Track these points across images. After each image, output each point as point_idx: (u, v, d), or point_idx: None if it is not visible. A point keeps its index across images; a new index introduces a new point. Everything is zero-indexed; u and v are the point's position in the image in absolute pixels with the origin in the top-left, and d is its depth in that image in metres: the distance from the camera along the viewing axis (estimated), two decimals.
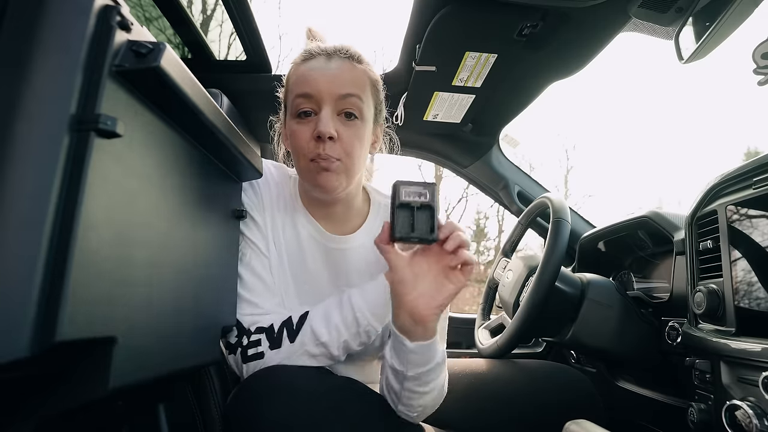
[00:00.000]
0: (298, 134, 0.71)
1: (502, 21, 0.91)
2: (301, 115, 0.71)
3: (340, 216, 0.82)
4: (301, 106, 0.71)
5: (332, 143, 0.69)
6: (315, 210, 0.82)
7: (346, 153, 0.71)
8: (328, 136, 0.68)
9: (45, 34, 0.35)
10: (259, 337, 0.70)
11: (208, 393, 0.70)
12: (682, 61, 0.86)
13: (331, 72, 0.71)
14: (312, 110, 0.71)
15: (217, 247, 0.65)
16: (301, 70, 0.73)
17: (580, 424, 0.68)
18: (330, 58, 0.72)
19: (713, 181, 0.82)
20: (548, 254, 0.96)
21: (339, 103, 0.70)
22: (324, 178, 0.70)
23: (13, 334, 0.30)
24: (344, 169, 0.71)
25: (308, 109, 0.71)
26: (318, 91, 0.70)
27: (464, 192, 10.33)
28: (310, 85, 0.70)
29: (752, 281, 0.71)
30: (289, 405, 0.62)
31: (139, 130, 0.43)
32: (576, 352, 1.35)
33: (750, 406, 0.64)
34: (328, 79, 0.70)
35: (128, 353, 0.41)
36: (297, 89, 0.72)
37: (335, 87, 0.70)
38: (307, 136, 0.70)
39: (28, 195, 0.32)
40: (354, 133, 0.72)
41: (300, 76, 0.72)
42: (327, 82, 0.70)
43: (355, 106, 0.71)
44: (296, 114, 0.72)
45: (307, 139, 0.70)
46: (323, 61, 0.72)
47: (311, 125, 0.70)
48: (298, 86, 0.72)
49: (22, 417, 0.39)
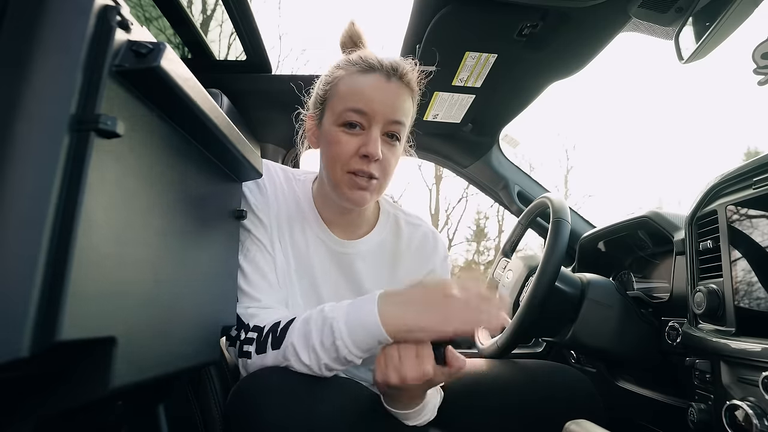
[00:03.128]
0: (342, 144, 0.72)
1: (502, 21, 0.91)
2: (348, 125, 0.72)
3: (352, 222, 0.84)
4: (351, 118, 0.72)
5: (375, 163, 0.72)
6: (328, 214, 0.83)
7: (384, 172, 0.74)
8: (375, 159, 0.71)
9: (45, 34, 0.35)
10: (253, 336, 0.70)
11: (208, 393, 0.70)
12: (682, 61, 0.86)
13: (389, 94, 0.72)
14: (360, 124, 0.72)
15: (217, 247, 0.65)
16: (358, 83, 0.73)
17: (580, 424, 0.68)
18: (389, 79, 0.73)
19: (713, 181, 0.82)
20: (548, 254, 0.96)
21: (387, 125, 0.73)
22: (358, 195, 0.73)
23: (12, 334, 0.30)
24: (378, 187, 0.75)
25: (357, 123, 0.72)
26: (373, 110, 0.71)
27: (464, 192, 10.34)
28: (366, 103, 0.71)
29: (752, 281, 0.71)
30: (287, 406, 0.62)
31: (139, 130, 0.43)
32: (576, 352, 1.35)
33: (750, 406, 0.64)
34: (384, 102, 0.72)
35: (128, 353, 0.41)
36: (351, 102, 0.72)
37: (389, 112, 0.72)
38: (351, 149, 0.72)
39: (28, 195, 0.32)
40: (393, 153, 0.75)
41: (356, 89, 0.72)
42: (382, 104, 0.72)
43: (400, 131, 0.75)
44: (343, 123, 0.73)
45: (350, 152, 0.72)
46: (383, 80, 0.73)
47: (358, 140, 0.72)
48: (353, 99, 0.72)
49: (22, 417, 0.39)
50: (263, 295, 0.74)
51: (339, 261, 0.83)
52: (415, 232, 0.88)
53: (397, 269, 0.86)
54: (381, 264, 0.85)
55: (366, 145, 0.71)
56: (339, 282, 0.83)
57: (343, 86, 0.74)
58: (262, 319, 0.71)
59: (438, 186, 11.24)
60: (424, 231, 0.89)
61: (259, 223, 0.77)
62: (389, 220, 0.88)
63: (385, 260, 0.86)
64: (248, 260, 0.75)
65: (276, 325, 0.69)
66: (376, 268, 0.84)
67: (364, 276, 0.83)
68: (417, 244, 0.87)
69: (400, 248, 0.86)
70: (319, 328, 0.65)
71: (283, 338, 0.67)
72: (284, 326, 0.68)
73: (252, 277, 0.74)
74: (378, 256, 0.85)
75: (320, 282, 0.82)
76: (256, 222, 0.77)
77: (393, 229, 0.87)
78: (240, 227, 0.76)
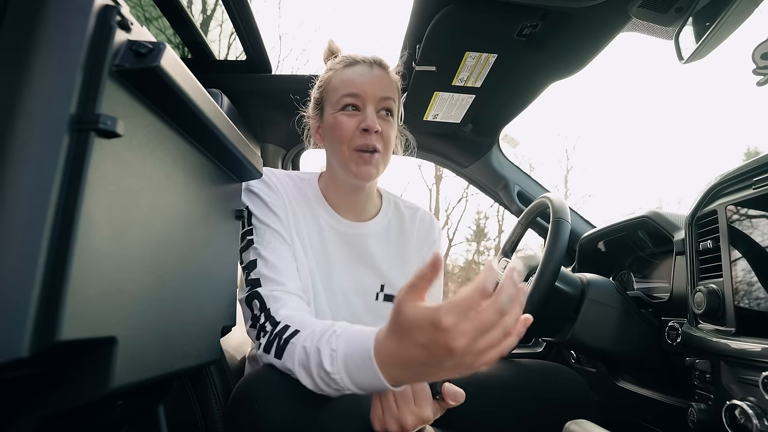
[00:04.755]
0: (344, 125, 0.82)
1: (502, 21, 0.91)
2: (346, 108, 0.82)
3: (360, 205, 0.92)
4: (347, 102, 0.82)
5: (376, 135, 0.81)
6: (337, 200, 0.90)
7: (384, 144, 0.83)
8: (375, 130, 0.80)
9: (45, 34, 0.35)
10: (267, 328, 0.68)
11: (209, 393, 0.70)
12: (682, 61, 0.86)
13: (375, 78, 0.84)
14: (356, 106, 0.83)
15: (217, 246, 0.65)
16: (347, 74, 0.84)
17: (580, 424, 0.68)
18: (372, 67, 0.85)
19: (713, 181, 0.82)
20: (548, 254, 0.96)
21: (380, 103, 0.83)
22: (365, 169, 0.82)
23: (13, 333, 0.30)
24: (381, 160, 0.83)
25: (353, 104, 0.82)
26: (364, 92, 0.82)
27: (464, 192, 10.34)
28: (357, 87, 0.82)
29: (752, 281, 0.71)
30: (289, 407, 0.62)
31: (139, 130, 0.43)
32: (576, 352, 1.35)
33: (750, 406, 0.64)
34: (372, 83, 0.83)
35: (128, 353, 0.41)
36: (345, 89, 0.83)
37: (378, 90, 0.83)
38: (352, 128, 0.81)
39: (29, 194, 0.32)
40: (390, 128, 0.85)
41: (347, 78, 0.84)
42: (371, 85, 0.82)
43: (391, 106, 0.85)
44: (342, 108, 0.83)
45: (352, 130, 0.81)
46: (366, 68, 0.85)
47: (356, 119, 0.82)
48: (346, 87, 0.83)
49: (22, 416, 0.39)
50: (287, 280, 0.76)
51: (352, 242, 0.90)
52: (414, 214, 0.98)
53: (406, 246, 0.95)
54: (390, 242, 0.94)
55: (364, 120, 0.81)
56: (353, 264, 0.90)
57: (335, 81, 0.85)
58: (283, 304, 0.71)
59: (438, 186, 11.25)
60: (422, 212, 1.00)
61: (276, 218, 0.81)
62: (391, 205, 0.98)
63: (393, 239, 0.95)
64: (269, 250, 0.78)
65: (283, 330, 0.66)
66: (387, 246, 0.93)
67: (376, 254, 0.91)
68: (418, 222, 0.98)
69: (404, 228, 0.96)
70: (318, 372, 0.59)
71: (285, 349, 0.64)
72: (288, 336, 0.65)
73: (276, 262, 0.77)
74: (387, 236, 0.94)
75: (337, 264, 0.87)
76: (273, 217, 0.81)
77: (395, 212, 0.97)
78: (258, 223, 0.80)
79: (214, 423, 0.69)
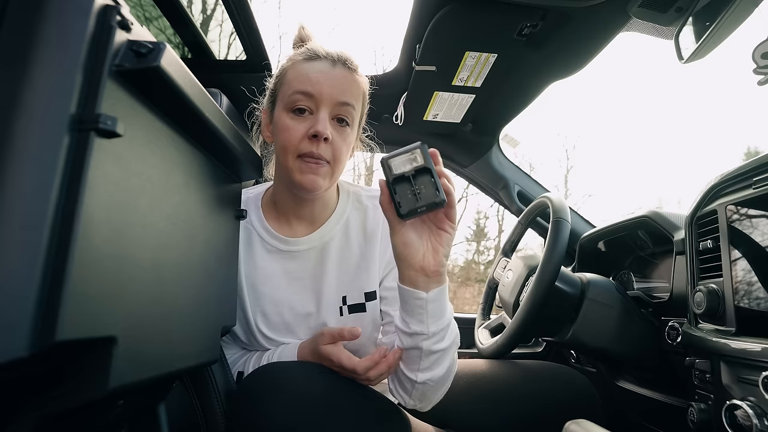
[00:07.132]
0: (291, 130, 0.72)
1: (502, 21, 0.91)
2: (296, 111, 0.73)
3: (315, 214, 0.83)
4: (298, 103, 0.72)
5: (325, 145, 0.72)
6: (286, 213, 0.82)
7: (335, 156, 0.74)
8: (324, 137, 0.71)
9: (45, 34, 0.35)
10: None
11: (210, 392, 0.70)
12: (682, 60, 0.86)
13: (335, 78, 0.73)
14: (308, 109, 0.73)
15: (217, 246, 0.65)
16: (304, 68, 0.74)
17: (580, 424, 0.68)
18: (334, 65, 0.74)
19: (713, 181, 0.82)
20: (548, 254, 0.96)
21: (336, 108, 0.73)
22: (309, 179, 0.72)
23: (12, 333, 0.30)
24: (330, 172, 0.74)
25: (305, 107, 0.73)
26: (319, 92, 0.72)
27: (464, 192, 10.32)
28: (313, 85, 0.72)
29: (752, 281, 0.71)
30: (289, 407, 0.62)
31: (139, 130, 0.43)
32: (576, 352, 1.36)
33: (750, 406, 0.64)
34: (330, 84, 0.72)
35: (128, 353, 0.41)
36: (298, 85, 0.73)
37: (336, 93, 0.72)
38: (300, 134, 0.72)
39: (28, 194, 0.32)
40: (344, 139, 0.75)
41: (302, 74, 0.73)
42: (329, 86, 0.72)
43: (349, 114, 0.75)
44: (291, 109, 0.73)
45: (299, 137, 0.72)
46: (328, 65, 0.74)
47: (306, 124, 0.72)
48: (300, 83, 0.73)
49: (22, 416, 0.39)
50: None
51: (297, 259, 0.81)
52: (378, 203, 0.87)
53: (372, 242, 0.84)
54: (350, 244, 0.83)
55: (314, 125, 0.71)
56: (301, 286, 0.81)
57: (291, 74, 0.75)
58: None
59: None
60: None
61: None
62: (349, 200, 0.86)
63: (353, 238, 0.84)
64: None
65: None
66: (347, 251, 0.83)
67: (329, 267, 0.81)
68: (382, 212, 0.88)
69: (367, 223, 0.85)
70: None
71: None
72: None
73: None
74: (345, 238, 0.83)
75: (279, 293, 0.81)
76: None
77: (355, 207, 0.86)
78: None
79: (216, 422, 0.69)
